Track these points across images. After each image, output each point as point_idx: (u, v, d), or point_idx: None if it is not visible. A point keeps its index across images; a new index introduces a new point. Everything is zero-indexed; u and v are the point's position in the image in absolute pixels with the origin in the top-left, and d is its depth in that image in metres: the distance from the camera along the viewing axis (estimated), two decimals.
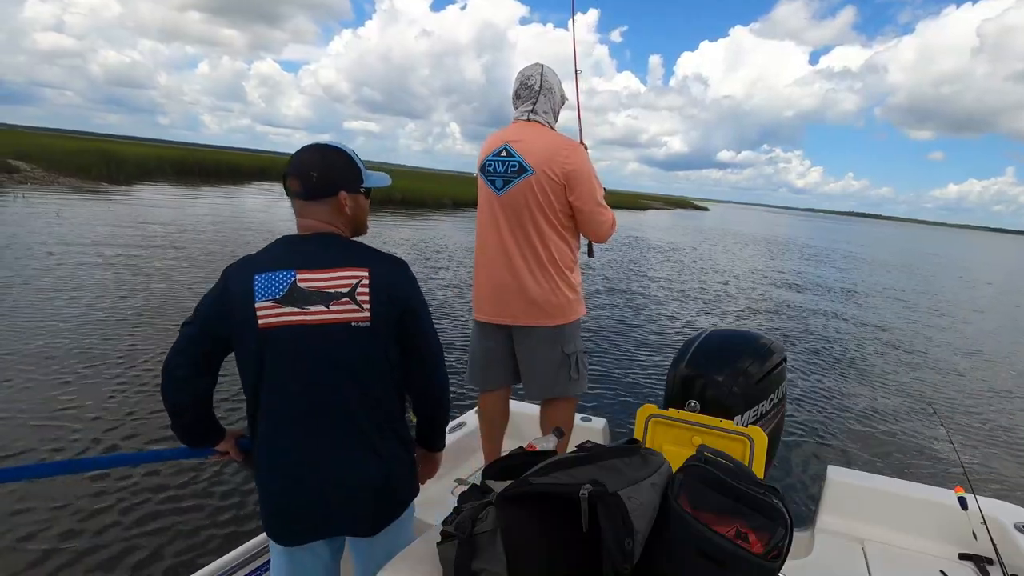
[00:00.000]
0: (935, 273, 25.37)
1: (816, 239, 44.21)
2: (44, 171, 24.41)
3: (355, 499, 1.37)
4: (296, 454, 1.35)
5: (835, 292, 15.19)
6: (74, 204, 17.60)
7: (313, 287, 1.32)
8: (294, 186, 1.39)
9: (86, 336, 6.06)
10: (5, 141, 29.76)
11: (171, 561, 2.90)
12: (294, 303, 1.30)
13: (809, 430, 5.37)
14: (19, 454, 3.71)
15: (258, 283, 1.31)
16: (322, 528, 1.39)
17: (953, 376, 8.03)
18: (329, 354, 1.32)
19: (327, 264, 1.34)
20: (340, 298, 1.32)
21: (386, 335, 1.36)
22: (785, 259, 24.01)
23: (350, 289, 1.32)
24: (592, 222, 2.23)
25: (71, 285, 8.02)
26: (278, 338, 1.31)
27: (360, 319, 1.33)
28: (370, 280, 1.34)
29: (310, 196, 1.39)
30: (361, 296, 1.33)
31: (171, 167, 35.45)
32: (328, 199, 1.40)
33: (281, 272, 1.32)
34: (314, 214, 1.40)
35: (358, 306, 1.32)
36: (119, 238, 12.28)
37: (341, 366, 1.33)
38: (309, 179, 1.38)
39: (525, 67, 2.28)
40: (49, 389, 4.72)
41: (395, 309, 1.36)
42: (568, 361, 2.26)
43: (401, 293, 1.37)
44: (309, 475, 1.35)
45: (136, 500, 3.30)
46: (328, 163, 1.41)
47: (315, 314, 1.31)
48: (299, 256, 1.35)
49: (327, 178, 1.40)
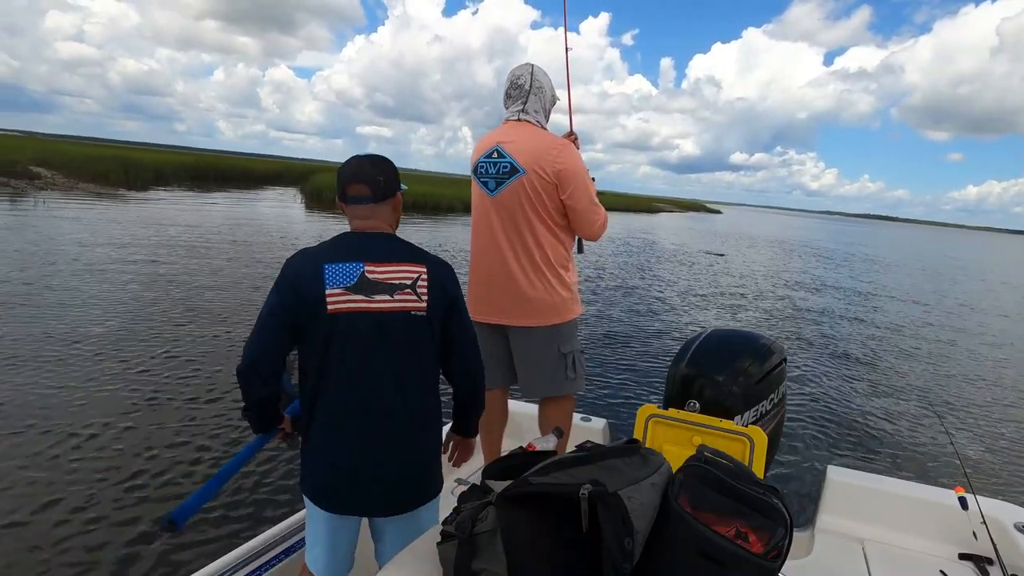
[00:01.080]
0: (941, 274, 25.24)
1: (827, 241, 44.15)
2: (64, 177, 24.66)
3: (396, 486, 1.50)
4: (350, 437, 1.46)
5: (839, 293, 15.14)
6: (93, 209, 17.74)
7: (380, 278, 1.44)
8: (361, 191, 1.51)
9: (130, 332, 6.07)
10: (27, 148, 30.12)
11: (172, 558, 2.89)
12: (363, 291, 1.43)
13: (809, 430, 5.33)
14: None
15: (328, 272, 1.42)
16: (360, 506, 1.52)
17: (953, 376, 7.98)
18: (389, 339, 1.45)
19: (392, 259, 1.48)
20: (403, 289, 1.46)
21: (437, 324, 1.51)
22: (793, 261, 23.96)
23: (412, 282, 1.47)
24: (585, 221, 2.22)
25: (94, 281, 8.08)
26: (346, 322, 1.42)
27: (419, 308, 1.47)
28: (428, 275, 1.49)
29: (378, 199, 1.53)
30: (421, 289, 1.47)
31: (187, 173, 35.81)
32: (389, 200, 1.56)
33: (351, 263, 1.44)
34: (379, 215, 1.54)
35: (418, 297, 1.47)
36: (137, 240, 12.37)
37: (399, 350, 1.46)
38: (378, 184, 1.52)
39: (515, 67, 2.27)
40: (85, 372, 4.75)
41: (445, 302, 1.52)
42: (565, 360, 2.25)
43: (450, 288, 1.54)
44: (358, 458, 1.45)
45: (139, 495, 3.32)
46: (387, 168, 1.56)
47: (380, 302, 1.44)
48: (367, 250, 1.48)
49: (390, 181, 1.55)
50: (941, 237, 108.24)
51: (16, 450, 3.75)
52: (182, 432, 4.18)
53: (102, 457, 3.77)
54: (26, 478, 3.44)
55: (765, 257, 24.36)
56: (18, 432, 3.98)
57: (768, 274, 17.70)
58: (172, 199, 23.82)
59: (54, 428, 4.07)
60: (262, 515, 3.24)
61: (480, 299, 2.29)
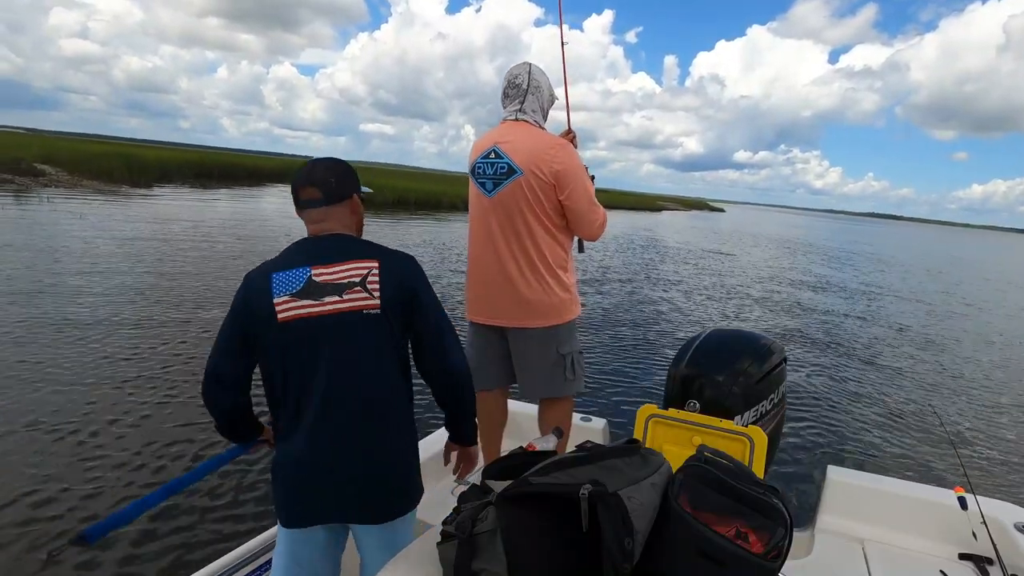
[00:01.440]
0: (945, 273, 25.14)
1: (830, 240, 44.02)
2: (68, 174, 24.70)
3: (363, 487, 1.41)
4: (311, 440, 1.39)
5: (840, 292, 15.11)
6: (98, 206, 17.77)
7: (327, 280, 1.38)
8: (312, 194, 1.46)
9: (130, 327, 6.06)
10: (32, 145, 30.21)
11: (170, 559, 2.88)
12: (310, 296, 1.37)
13: (809, 430, 5.32)
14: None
15: (275, 281, 1.39)
16: (327, 511, 1.43)
17: (954, 376, 7.97)
18: (344, 341, 1.38)
19: (340, 258, 1.41)
20: (352, 287, 1.38)
21: (396, 322, 1.41)
22: (795, 260, 23.89)
23: (361, 279, 1.39)
24: (584, 221, 2.21)
25: (99, 278, 8.05)
26: (296, 329, 1.37)
27: (371, 306, 1.38)
28: (380, 269, 1.40)
29: (330, 201, 1.47)
30: (372, 284, 1.39)
31: (191, 170, 35.80)
32: (345, 202, 1.49)
33: (297, 269, 1.40)
34: (333, 217, 1.48)
35: (369, 294, 1.38)
36: (142, 237, 12.40)
37: (355, 352, 1.38)
38: (329, 185, 1.47)
39: (513, 66, 2.25)
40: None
41: (404, 297, 1.42)
42: (563, 361, 2.24)
43: (409, 282, 1.44)
44: (321, 459, 1.39)
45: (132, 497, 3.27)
46: (340, 170, 1.51)
47: (329, 304, 1.37)
48: (314, 254, 1.42)
49: (344, 183, 1.50)
50: (946, 236, 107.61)
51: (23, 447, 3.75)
52: (174, 425, 4.17)
53: (103, 454, 3.76)
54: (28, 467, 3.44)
55: (767, 256, 24.32)
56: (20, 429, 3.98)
57: (769, 273, 17.66)
58: (176, 196, 23.85)
59: (57, 422, 4.08)
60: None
61: (479, 300, 2.28)
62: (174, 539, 3.01)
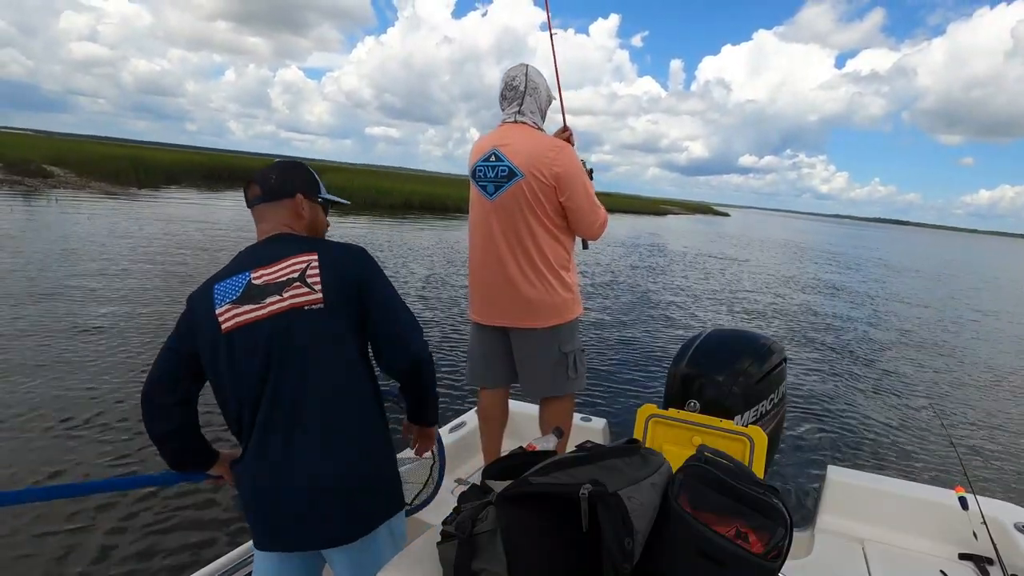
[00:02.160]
0: (951, 276, 24.97)
1: (832, 244, 43.86)
2: (77, 176, 24.83)
3: (324, 499, 1.28)
4: (262, 459, 1.29)
5: (842, 293, 15.09)
6: (106, 207, 17.83)
7: (267, 280, 1.29)
8: (254, 191, 1.41)
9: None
10: (41, 147, 30.35)
11: (158, 565, 2.84)
12: (251, 300, 1.28)
13: (809, 430, 5.30)
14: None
15: (217, 291, 1.31)
16: (287, 540, 1.31)
17: (954, 376, 7.93)
18: (289, 342, 1.27)
19: (278, 256, 1.32)
20: (292, 284, 1.28)
21: (343, 315, 1.30)
22: (796, 262, 23.84)
23: (300, 273, 1.29)
24: (585, 222, 2.20)
25: (110, 277, 8.05)
26: (240, 338, 1.27)
27: (313, 301, 1.28)
28: (320, 261, 1.30)
29: (269, 197, 1.41)
30: (311, 278, 1.29)
31: (198, 172, 35.90)
32: (286, 200, 1.41)
33: (235, 277, 1.32)
34: (273, 216, 1.41)
35: (309, 288, 1.28)
36: (149, 238, 12.45)
37: (301, 352, 1.27)
38: (268, 181, 1.41)
39: (511, 67, 2.24)
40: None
41: (348, 287, 1.31)
42: (566, 360, 2.24)
43: (353, 270, 1.33)
44: (272, 482, 1.28)
45: (120, 503, 3.21)
46: (286, 169, 1.45)
47: (270, 305, 1.27)
48: (253, 258, 1.35)
49: (285, 180, 1.43)
50: (952, 242, 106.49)
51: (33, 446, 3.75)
52: None
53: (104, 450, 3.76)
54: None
55: (767, 258, 24.28)
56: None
57: (770, 275, 17.63)
58: (183, 198, 23.91)
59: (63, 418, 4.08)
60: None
61: (482, 302, 2.27)
62: (160, 544, 2.96)
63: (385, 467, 1.38)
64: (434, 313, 8.35)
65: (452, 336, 7.12)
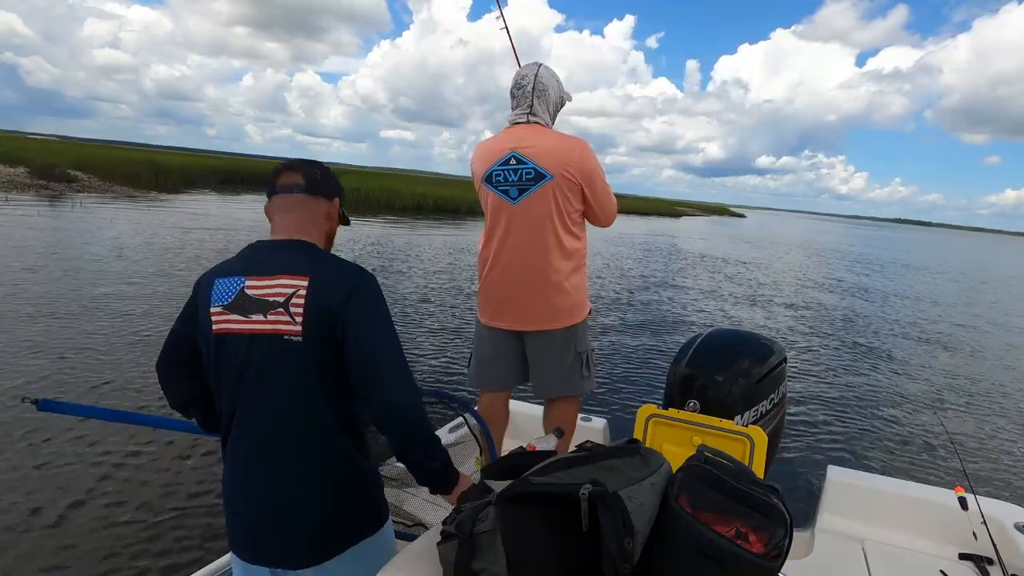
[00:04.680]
0: (954, 276, 24.68)
1: (847, 244, 43.41)
2: (99, 180, 25.11)
3: (279, 524, 1.23)
4: (238, 473, 1.26)
5: (843, 294, 14.98)
6: (128, 211, 18.01)
7: (257, 295, 1.20)
8: (293, 179, 1.30)
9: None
10: (65, 152, 30.69)
11: (158, 563, 2.84)
12: (239, 311, 1.20)
13: (809, 430, 5.26)
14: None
15: (216, 287, 1.23)
16: (252, 552, 1.27)
17: (954, 376, 7.84)
18: (264, 367, 1.20)
19: (274, 270, 1.21)
20: (275, 308, 1.18)
21: (320, 349, 1.19)
22: (804, 262, 23.69)
23: (285, 299, 1.18)
24: (606, 213, 2.19)
25: (135, 279, 8.16)
26: (226, 345, 1.22)
27: (292, 332, 1.18)
28: (307, 290, 1.18)
29: (312, 190, 1.31)
30: (295, 308, 1.18)
31: (216, 176, 36.14)
32: (323, 200, 1.33)
33: (233, 278, 1.23)
34: (302, 213, 1.30)
35: (290, 317, 1.18)
36: (170, 241, 12.55)
37: (274, 381, 1.20)
38: (313, 173, 1.32)
39: (522, 67, 2.17)
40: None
41: (330, 324, 1.18)
42: (580, 359, 2.21)
43: (340, 306, 1.18)
44: (246, 495, 1.25)
45: (119, 504, 3.23)
46: (329, 171, 1.38)
47: (255, 323, 1.19)
48: (253, 262, 1.25)
49: (330, 178, 1.36)
50: (976, 243, 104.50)
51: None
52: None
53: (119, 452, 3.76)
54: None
55: (776, 259, 24.11)
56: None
57: (776, 275, 17.52)
58: (202, 202, 24.11)
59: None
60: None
61: (499, 306, 2.22)
62: (160, 544, 2.96)
63: (348, 499, 1.29)
64: (436, 313, 8.33)
65: (453, 336, 7.11)
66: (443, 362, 6.20)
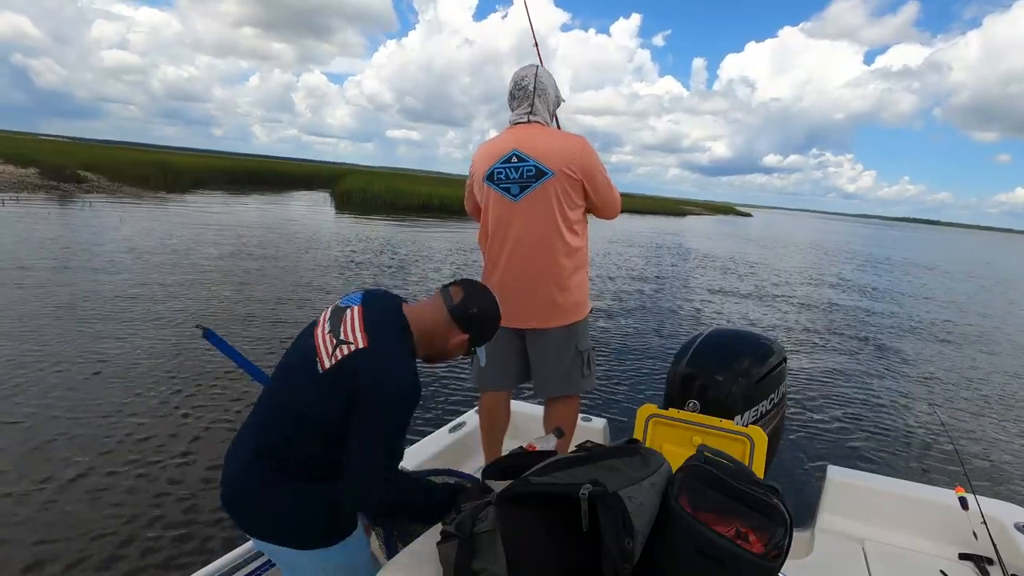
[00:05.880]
0: (958, 275, 24.49)
1: (851, 243, 42.99)
2: (108, 181, 25.15)
3: (242, 497, 1.35)
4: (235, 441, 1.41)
5: (844, 294, 14.87)
6: (137, 212, 18.08)
7: (344, 325, 1.32)
8: (456, 294, 1.41)
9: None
10: (74, 153, 30.74)
11: (166, 556, 2.82)
12: (331, 324, 1.35)
13: (809, 430, 5.23)
14: None
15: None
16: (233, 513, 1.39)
17: (955, 376, 7.80)
18: (296, 368, 1.35)
19: (367, 319, 1.31)
20: (335, 337, 1.30)
21: (327, 393, 1.26)
22: (807, 262, 23.47)
23: (345, 340, 1.28)
24: (608, 205, 2.18)
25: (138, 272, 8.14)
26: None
27: (321, 363, 1.29)
28: (350, 354, 1.27)
29: (454, 313, 1.39)
30: (339, 352, 1.28)
31: (224, 177, 36.19)
32: (455, 329, 1.40)
33: (356, 296, 1.42)
34: (432, 316, 1.39)
35: (331, 354, 1.28)
36: (179, 241, 12.59)
37: (289, 387, 1.34)
38: (469, 308, 1.40)
39: (520, 68, 2.18)
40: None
41: (348, 387, 1.25)
42: (581, 358, 2.20)
43: (364, 382, 1.24)
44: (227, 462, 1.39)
45: (120, 502, 3.20)
46: (486, 316, 1.44)
47: (323, 340, 1.32)
48: (365, 295, 1.40)
49: (475, 320, 1.42)
50: (984, 242, 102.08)
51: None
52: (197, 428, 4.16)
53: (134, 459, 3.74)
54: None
55: (779, 257, 23.93)
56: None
57: (777, 274, 17.43)
58: (209, 202, 24.11)
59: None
60: None
61: (502, 305, 2.22)
62: (170, 536, 2.94)
63: (301, 517, 1.33)
64: None
65: None
66: (446, 363, 6.19)
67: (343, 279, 10.22)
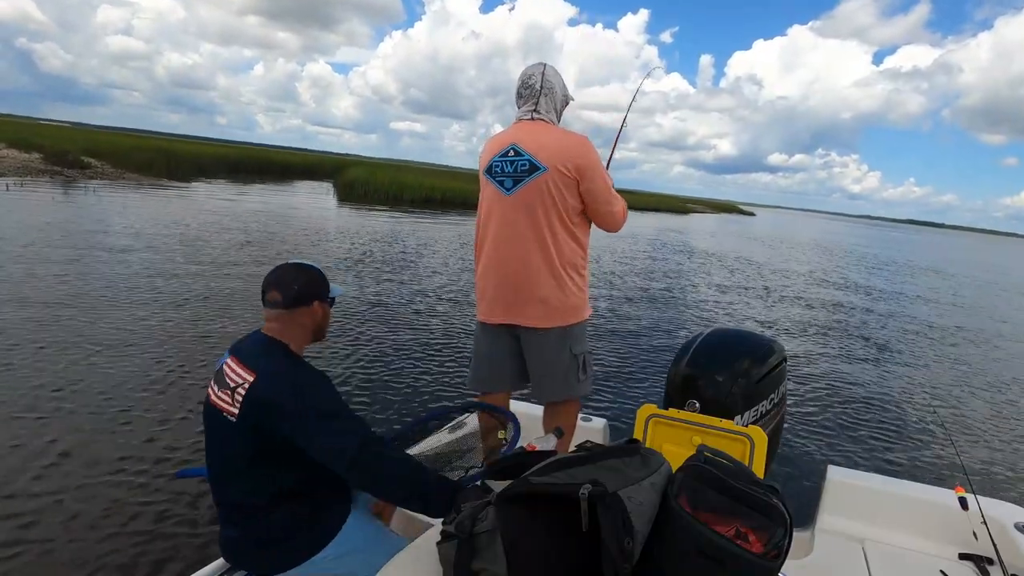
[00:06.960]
0: (961, 277, 24.39)
1: (853, 244, 42.68)
2: (112, 167, 25.15)
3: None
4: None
5: (844, 293, 14.83)
6: (139, 198, 18.07)
7: (227, 375, 1.43)
8: (274, 297, 1.49)
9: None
10: (78, 139, 30.66)
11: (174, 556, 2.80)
12: (217, 382, 1.46)
13: (809, 430, 5.22)
14: None
15: (226, 354, 1.51)
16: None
17: (955, 376, 7.79)
18: (213, 431, 1.47)
19: (245, 360, 1.43)
20: (228, 389, 1.41)
21: (248, 432, 1.39)
22: (808, 261, 23.37)
23: (236, 385, 1.40)
24: (605, 213, 2.14)
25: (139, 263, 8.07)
26: (207, 407, 1.49)
27: (230, 413, 1.40)
28: (251, 385, 1.38)
29: (289, 305, 1.49)
30: (238, 395, 1.39)
31: (226, 165, 36.11)
32: (302, 308, 1.51)
33: (225, 354, 1.49)
34: (285, 321, 1.50)
35: (233, 402, 1.39)
36: (180, 228, 12.58)
37: (215, 442, 1.47)
38: (291, 289, 1.50)
39: (528, 66, 2.18)
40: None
41: (261, 412, 1.37)
42: (576, 362, 2.17)
43: (274, 400, 1.36)
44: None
45: (121, 501, 3.18)
46: (308, 277, 1.54)
47: (217, 396, 1.44)
48: (242, 347, 1.49)
49: (311, 287, 1.53)
50: (987, 246, 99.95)
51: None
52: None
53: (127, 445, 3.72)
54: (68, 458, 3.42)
55: (780, 257, 23.85)
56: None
57: (777, 273, 17.39)
58: (212, 190, 24.07)
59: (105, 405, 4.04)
60: None
61: (493, 300, 2.20)
62: (175, 538, 2.94)
63: (262, 539, 1.48)
64: (438, 311, 8.27)
65: (454, 336, 7.06)
66: (446, 363, 6.18)
67: (344, 268, 10.24)
